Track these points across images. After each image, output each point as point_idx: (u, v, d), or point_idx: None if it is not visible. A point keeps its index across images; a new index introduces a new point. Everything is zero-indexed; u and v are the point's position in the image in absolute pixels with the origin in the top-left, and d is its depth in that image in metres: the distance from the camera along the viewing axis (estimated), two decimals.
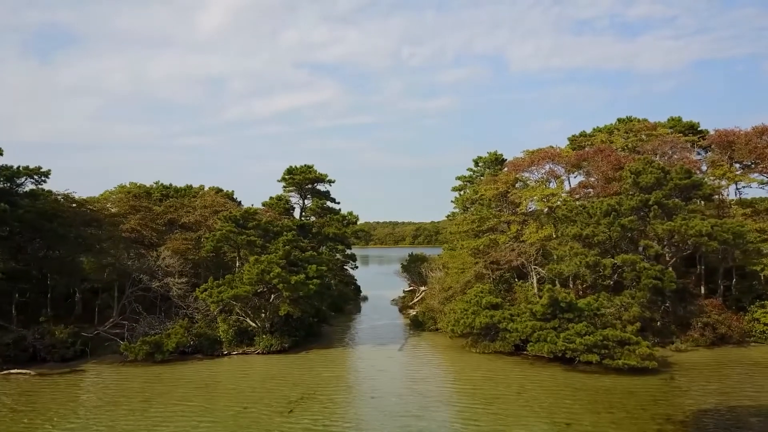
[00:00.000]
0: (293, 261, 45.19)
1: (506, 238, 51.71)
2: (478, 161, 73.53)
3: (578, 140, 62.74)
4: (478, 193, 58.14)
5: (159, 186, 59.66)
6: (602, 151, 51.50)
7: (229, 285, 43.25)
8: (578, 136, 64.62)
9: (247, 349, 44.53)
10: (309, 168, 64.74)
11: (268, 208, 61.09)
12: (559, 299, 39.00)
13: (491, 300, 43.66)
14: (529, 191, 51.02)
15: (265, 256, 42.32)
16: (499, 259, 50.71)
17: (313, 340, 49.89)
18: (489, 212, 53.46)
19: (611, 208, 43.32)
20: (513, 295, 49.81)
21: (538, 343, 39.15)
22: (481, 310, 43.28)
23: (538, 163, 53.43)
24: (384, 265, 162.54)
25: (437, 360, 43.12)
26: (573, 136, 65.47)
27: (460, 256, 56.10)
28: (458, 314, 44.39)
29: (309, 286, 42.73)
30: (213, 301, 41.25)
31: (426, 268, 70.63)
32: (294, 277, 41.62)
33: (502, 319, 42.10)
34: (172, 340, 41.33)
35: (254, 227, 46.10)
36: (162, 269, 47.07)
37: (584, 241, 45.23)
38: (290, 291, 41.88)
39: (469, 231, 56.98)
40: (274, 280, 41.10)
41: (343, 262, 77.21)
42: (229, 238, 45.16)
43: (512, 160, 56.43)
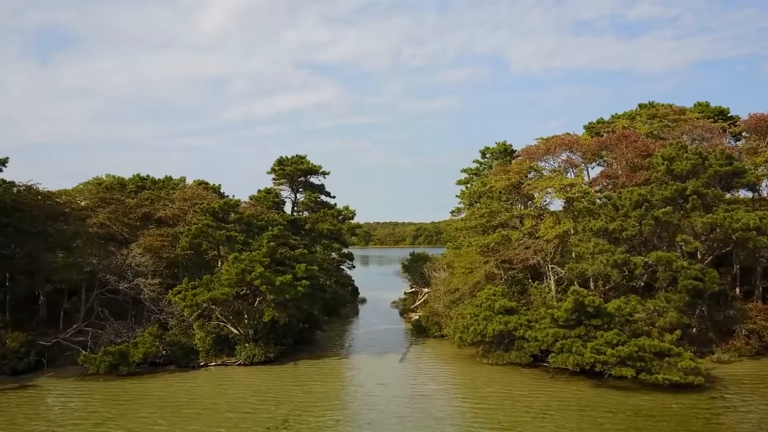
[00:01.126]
0: (280, 259, 40.03)
1: (519, 235, 46.52)
2: (486, 152, 68.39)
3: (596, 128, 57.64)
4: (487, 185, 52.99)
5: (135, 177, 54.47)
6: (626, 137, 46.35)
7: (207, 287, 38.09)
8: (595, 124, 59.51)
9: (227, 360, 39.40)
10: (301, 158, 59.65)
11: (254, 201, 55.97)
12: (586, 303, 33.81)
13: (505, 304, 38.47)
14: (545, 181, 45.85)
15: (246, 254, 37.18)
16: (512, 257, 45.52)
17: (303, 348, 44.71)
18: (500, 205, 48.28)
19: (642, 199, 38.13)
20: (527, 298, 44.65)
21: (561, 354, 33.96)
22: (494, 316, 38.10)
23: (554, 150, 48.29)
24: (384, 265, 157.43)
25: (444, 373, 37.93)
26: (590, 123, 60.38)
27: (467, 254, 50.93)
28: (467, 320, 39.22)
29: (297, 287, 37.58)
30: (187, 305, 36.10)
31: (429, 268, 65.40)
32: (279, 277, 36.47)
33: (518, 325, 36.93)
34: (139, 350, 36.18)
35: (235, 221, 40.94)
36: (132, 269, 41.88)
37: (610, 236, 40.03)
38: (275, 293, 36.73)
39: (478, 227, 51.81)
40: (256, 281, 35.96)
41: (339, 262, 71.99)
42: (207, 234, 40.02)
43: (525, 149, 51.31)
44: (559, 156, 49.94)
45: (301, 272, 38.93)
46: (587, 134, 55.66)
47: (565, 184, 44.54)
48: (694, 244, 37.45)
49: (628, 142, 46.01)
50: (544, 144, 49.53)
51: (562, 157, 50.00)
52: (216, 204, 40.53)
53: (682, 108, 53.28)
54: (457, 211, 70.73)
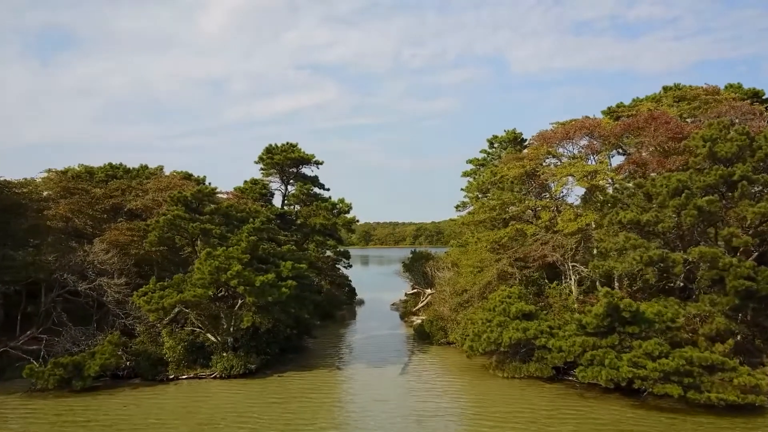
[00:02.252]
0: (262, 256, 35.00)
1: (535, 229, 41.45)
2: (494, 141, 63.39)
3: (617, 112, 52.57)
4: (498, 174, 47.90)
5: (105, 166, 49.37)
6: (656, 119, 41.23)
7: (177, 288, 33.02)
8: (615, 108, 54.42)
9: (201, 372, 34.36)
10: (292, 146, 54.64)
11: (239, 193, 50.94)
12: (621, 307, 28.75)
13: (522, 307, 33.42)
14: (565, 168, 40.75)
15: (221, 249, 32.11)
16: (527, 254, 40.45)
17: (290, 357, 39.69)
18: (513, 196, 43.21)
19: (682, 186, 33.00)
20: (545, 301, 39.57)
21: (591, 368, 28.91)
22: (510, 321, 33.05)
23: (573, 135, 43.17)
24: (384, 265, 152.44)
25: (453, 387, 32.84)
26: (609, 108, 55.29)
27: (475, 251, 45.86)
28: (479, 326, 34.18)
29: (281, 288, 32.54)
30: (151, 308, 31.04)
31: (432, 267, 60.38)
32: (260, 277, 31.43)
33: (538, 333, 31.89)
34: (96, 362, 31.14)
35: (212, 213, 35.84)
36: (94, 267, 36.82)
37: (641, 230, 34.93)
38: (255, 295, 31.69)
39: (487, 221, 46.76)
40: (233, 282, 30.93)
41: (334, 261, 66.96)
42: (179, 227, 34.94)
43: (540, 133, 46.22)
44: (578, 141, 44.88)
45: (286, 271, 33.88)
46: (608, 119, 50.55)
47: (589, 171, 39.44)
48: (743, 239, 32.33)
49: (658, 123, 40.89)
50: (561, 128, 44.45)
51: (581, 142, 44.95)
52: (189, 192, 35.43)
53: (714, 87, 48.26)
54: (463, 206, 65.64)
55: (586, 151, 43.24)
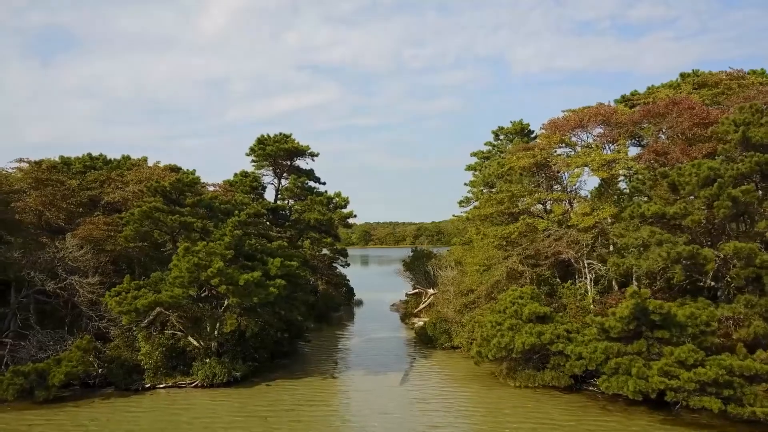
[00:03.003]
0: (249, 253, 31.89)
1: (548, 224, 38.33)
2: (499, 133, 60.30)
3: (632, 100, 49.43)
4: (506, 165, 44.74)
5: (84, 157, 46.16)
6: (678, 104, 38.10)
7: (154, 287, 29.90)
8: (630, 96, 51.31)
9: (181, 380, 31.23)
10: (285, 137, 51.50)
11: (228, 186, 47.79)
12: (650, 309, 25.63)
13: (536, 309, 30.30)
14: (581, 157, 37.63)
15: (202, 244, 28.97)
16: (538, 251, 37.36)
17: (281, 364, 36.61)
18: (524, 188, 40.08)
19: (714, 174, 29.87)
20: (557, 301, 36.49)
21: (616, 377, 25.80)
22: (523, 325, 29.94)
23: (588, 123, 40.07)
24: (384, 265, 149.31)
25: (460, 398, 29.70)
26: (623, 96, 52.16)
27: (482, 248, 42.73)
28: (488, 330, 31.06)
29: (269, 288, 29.39)
30: (123, 310, 27.89)
31: (434, 266, 57.25)
32: (244, 275, 28.29)
33: (554, 337, 28.77)
34: (61, 369, 28.00)
35: (194, 204, 32.67)
36: (66, 265, 33.67)
37: (667, 223, 31.83)
38: (240, 296, 28.57)
39: (494, 215, 43.64)
40: (214, 280, 27.80)
41: (331, 259, 63.79)
42: (157, 219, 31.79)
43: (552, 121, 43.01)
44: (592, 130, 41.79)
45: (275, 269, 30.75)
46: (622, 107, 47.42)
47: (608, 159, 36.31)
48: None
49: (680, 109, 37.75)
50: (574, 115, 41.29)
51: (595, 131, 41.86)
52: (167, 182, 32.28)
53: (739, 71, 45.11)
54: (466, 202, 62.57)
55: (602, 139, 40.12)
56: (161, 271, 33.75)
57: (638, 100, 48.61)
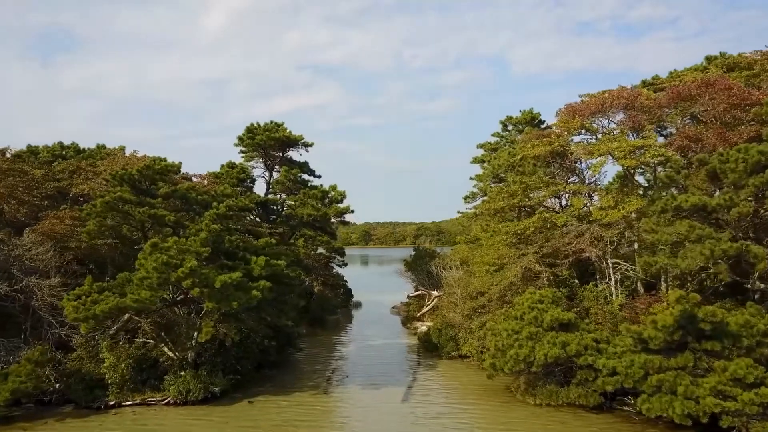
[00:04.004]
0: (229, 250, 27.99)
1: (567, 218, 34.43)
2: (507, 123, 56.33)
3: (654, 84, 45.43)
4: (518, 155, 40.81)
5: (55, 145, 42.20)
6: (712, 84, 34.19)
7: (119, 290, 25.99)
8: (651, 81, 47.31)
9: (151, 397, 27.33)
10: (277, 126, 47.55)
11: (213, 178, 43.89)
12: (700, 317, 21.72)
13: (559, 316, 26.40)
14: (604, 144, 33.70)
15: (172, 240, 25.06)
16: (557, 249, 33.49)
17: (267, 376, 32.73)
18: (539, 178, 36.14)
19: (766, 160, 25.97)
20: (579, 305, 32.58)
21: (659, 397, 21.92)
22: (544, 333, 26.04)
23: (610, 107, 36.14)
24: (384, 265, 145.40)
25: (472, 417, 25.81)
26: (643, 81, 48.15)
27: (492, 247, 38.83)
28: (503, 339, 27.14)
29: (251, 291, 25.47)
30: (80, 317, 24.00)
31: (437, 265, 53.31)
32: (221, 276, 24.37)
33: (582, 349, 24.86)
34: (7, 386, 24.09)
35: (167, 195, 28.76)
36: (23, 264, 29.77)
37: (708, 217, 27.96)
38: (216, 300, 24.67)
39: (506, 209, 39.81)
40: (186, 282, 23.89)
41: (327, 258, 59.92)
42: (124, 212, 27.90)
43: (569, 106, 39.00)
44: (614, 116, 37.89)
45: (258, 269, 26.84)
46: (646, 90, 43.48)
47: (636, 146, 32.39)
48: None
49: (715, 90, 33.84)
50: (594, 99, 37.33)
51: (616, 118, 37.96)
52: (135, 169, 28.33)
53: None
54: (472, 197, 58.59)
55: (625, 125, 36.16)
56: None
57: (663, 84, 44.70)
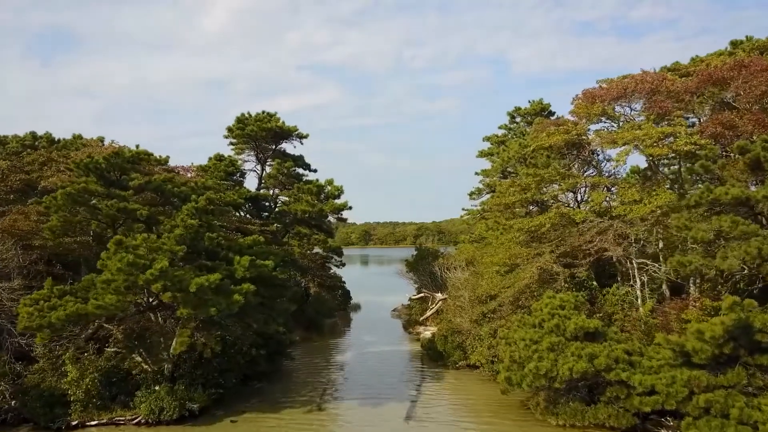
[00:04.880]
0: (210, 249, 24.84)
1: (586, 214, 31.26)
2: (516, 114, 53.23)
3: (677, 70, 42.15)
4: (530, 145, 37.65)
5: (26, 135, 39.02)
6: (747, 66, 31.06)
7: (84, 294, 22.79)
8: (672, 67, 44.10)
9: (120, 416, 24.14)
10: (269, 116, 44.32)
11: (200, 171, 40.71)
12: (756, 326, 18.56)
13: (584, 324, 23.24)
14: (627, 132, 30.49)
15: (141, 237, 21.88)
16: (577, 247, 30.33)
17: (254, 390, 29.61)
18: (555, 170, 32.93)
19: None
20: (601, 310, 29.43)
21: (706, 421, 18.77)
22: (567, 344, 22.86)
23: (633, 92, 32.97)
24: (384, 265, 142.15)
25: None
26: (664, 67, 44.93)
27: (502, 245, 35.67)
28: (520, 350, 23.99)
29: (233, 295, 22.29)
30: (34, 325, 20.83)
31: (441, 266, 50.08)
32: (198, 278, 21.19)
33: (612, 362, 21.66)
34: None
35: (140, 187, 25.56)
36: None
37: (750, 211, 24.82)
38: (192, 305, 21.49)
39: (516, 205, 36.66)
40: (155, 285, 20.69)
41: (324, 258, 56.72)
42: (89, 205, 24.75)
43: (587, 92, 35.74)
44: (636, 103, 34.73)
45: (242, 270, 23.65)
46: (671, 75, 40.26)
47: (666, 133, 29.19)
48: None
49: (750, 72, 30.71)
50: (616, 83, 34.13)
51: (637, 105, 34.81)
52: (101, 157, 25.09)
53: None
54: (478, 193, 55.50)
55: (651, 111, 32.95)
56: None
57: (685, 70, 41.53)
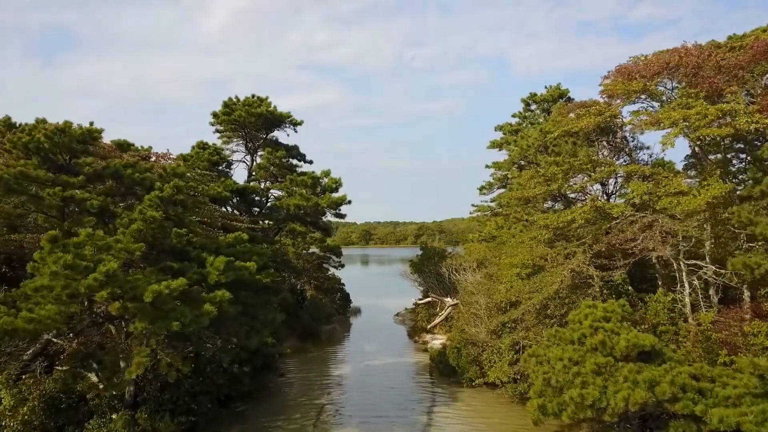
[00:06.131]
0: (177, 248, 20.36)
1: (625, 207, 26.83)
2: (531, 101, 48.81)
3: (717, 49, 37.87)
4: (553, 132, 33.23)
5: None
6: None
7: (23, 305, 18.37)
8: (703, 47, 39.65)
9: None
10: (260, 100, 39.90)
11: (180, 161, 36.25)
12: None
13: (638, 340, 18.87)
14: (676, 111, 26.07)
15: (85, 232, 17.51)
16: (615, 247, 25.94)
17: (236, 413, 25.09)
18: (587, 157, 28.49)
19: None
20: (647, 322, 24.97)
21: None
22: (618, 365, 18.43)
23: (678, 66, 28.59)
24: (384, 265, 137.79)
25: None
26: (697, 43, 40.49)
27: (523, 244, 31.27)
28: (556, 372, 19.59)
29: (203, 305, 17.87)
30: None
31: (449, 267, 45.68)
32: (155, 285, 16.77)
33: (678, 390, 17.22)
34: None
35: (95, 174, 21.21)
36: None
37: None
38: (149, 318, 17.10)
39: (539, 198, 32.29)
40: (101, 293, 16.28)
41: (321, 259, 52.27)
42: (29, 194, 20.40)
43: (621, 68, 31.10)
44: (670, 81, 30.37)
45: (215, 273, 19.24)
46: None
47: (723, 111, 24.76)
48: None
49: None
50: (657, 58, 29.68)
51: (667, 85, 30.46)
52: (42, 134, 20.65)
53: None
54: (489, 187, 51.10)
55: (699, 89, 28.51)
56: None
57: (726, 47, 37.09)
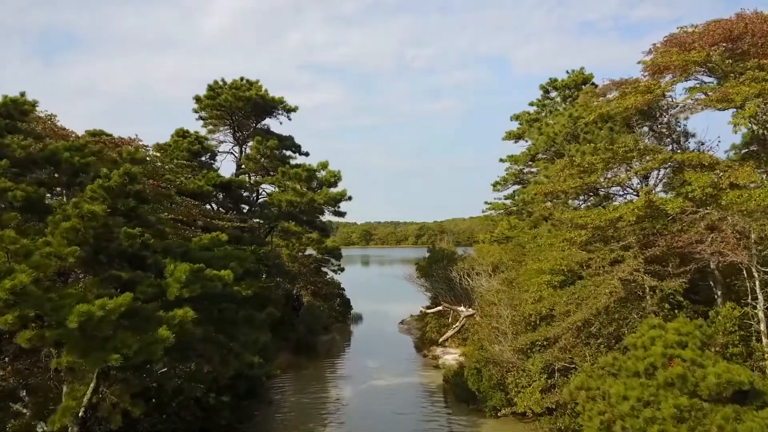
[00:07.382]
0: (131, 252, 15.80)
1: (683, 202, 22.32)
2: (550, 87, 44.35)
3: None
4: (585, 117, 28.77)
5: None
6: None
7: None
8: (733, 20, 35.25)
9: None
10: (249, 84, 35.37)
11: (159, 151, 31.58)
12: None
13: (732, 376, 14.27)
14: (748, 85, 21.62)
15: None
16: (673, 250, 21.45)
17: None
18: (634, 142, 24.03)
19: None
20: (713, 342, 20.38)
21: None
22: (703, 406, 13.92)
23: (744, 35, 24.16)
24: (385, 266, 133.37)
25: None
26: None
27: (554, 246, 26.74)
28: (619, 412, 14.98)
29: (157, 330, 13.34)
30: None
31: (460, 271, 41.15)
32: (84, 306, 12.24)
33: None
34: None
35: (28, 158, 16.64)
36: None
37: None
38: (81, 350, 12.57)
39: (571, 193, 27.83)
40: (6, 317, 11.78)
41: (318, 262, 47.75)
42: None
43: (672, 38, 26.73)
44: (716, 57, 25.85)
45: (176, 286, 14.71)
46: None
47: None
48: None
49: None
50: (717, 25, 25.20)
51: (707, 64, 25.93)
52: None
53: None
54: (503, 183, 46.59)
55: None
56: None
57: None
